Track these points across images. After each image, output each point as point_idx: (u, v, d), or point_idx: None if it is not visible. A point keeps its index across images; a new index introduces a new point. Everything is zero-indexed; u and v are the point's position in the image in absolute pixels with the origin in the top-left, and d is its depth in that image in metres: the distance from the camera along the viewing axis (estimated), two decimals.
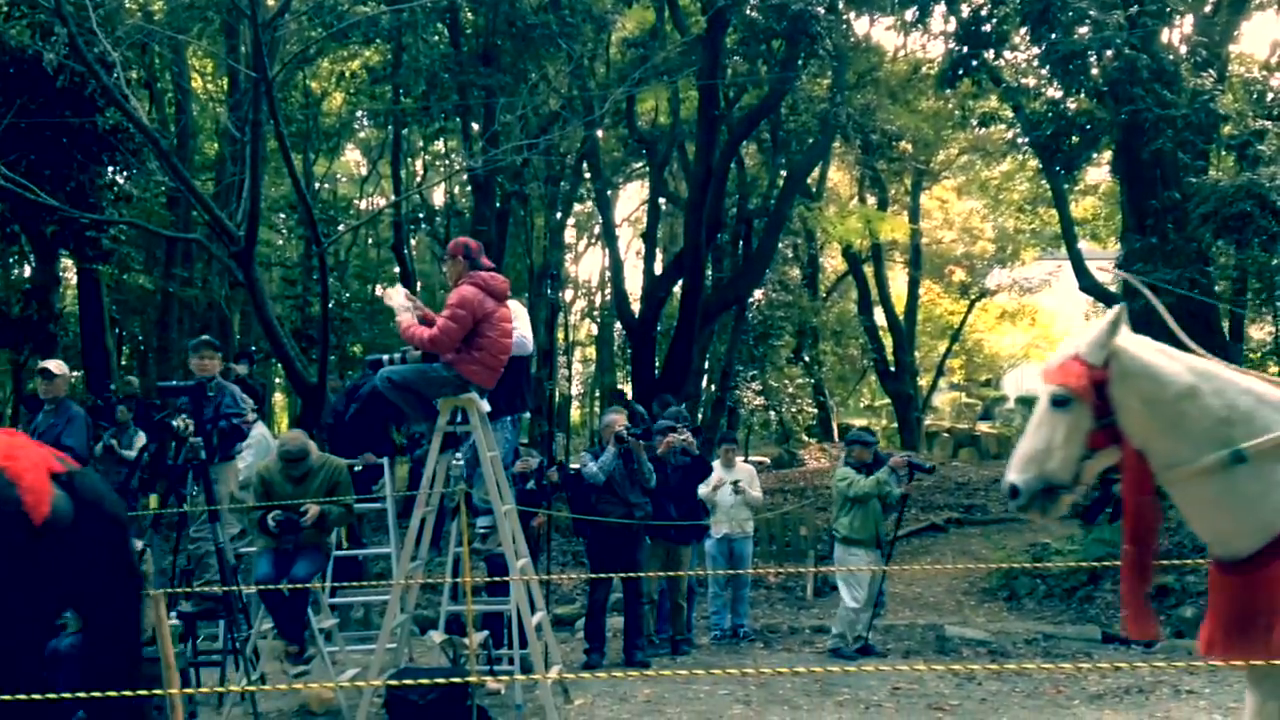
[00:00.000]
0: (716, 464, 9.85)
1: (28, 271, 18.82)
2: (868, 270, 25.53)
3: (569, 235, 27.82)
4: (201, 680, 7.29)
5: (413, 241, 23.92)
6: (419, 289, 21.33)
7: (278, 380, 22.13)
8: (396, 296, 6.75)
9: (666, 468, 9.09)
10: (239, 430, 8.26)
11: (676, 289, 19.79)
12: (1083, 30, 12.27)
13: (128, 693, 4.35)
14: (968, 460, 24.21)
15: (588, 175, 22.51)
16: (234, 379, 9.80)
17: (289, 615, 7.09)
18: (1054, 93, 14.08)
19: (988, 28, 13.69)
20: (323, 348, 12.31)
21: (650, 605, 9.49)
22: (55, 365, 8.93)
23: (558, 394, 21.21)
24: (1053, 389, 3.47)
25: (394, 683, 6.45)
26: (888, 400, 27.94)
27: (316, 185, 21.92)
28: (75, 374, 16.75)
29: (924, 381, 27.86)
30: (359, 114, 22.33)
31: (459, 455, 7.22)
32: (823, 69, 17.74)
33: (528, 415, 8.61)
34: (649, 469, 8.63)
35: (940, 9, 14.37)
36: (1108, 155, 15.64)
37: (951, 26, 14.53)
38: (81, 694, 6.32)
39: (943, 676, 7.86)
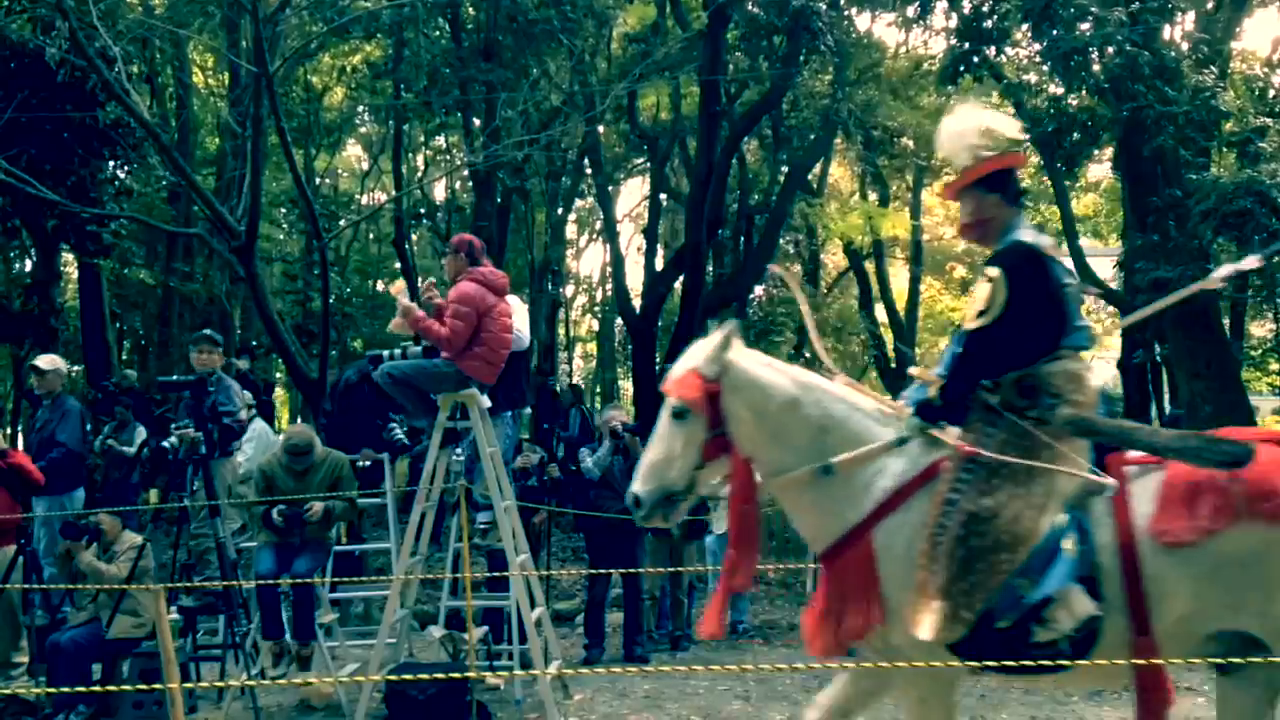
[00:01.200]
0: None
1: (28, 266, 18.83)
2: (869, 266, 25.51)
3: (570, 231, 27.82)
4: (201, 675, 7.31)
5: (414, 237, 23.91)
6: (420, 284, 21.30)
7: (278, 375, 22.12)
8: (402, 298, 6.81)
9: None
10: (231, 430, 8.26)
11: (677, 285, 19.77)
12: (1084, 27, 12.25)
13: (129, 687, 4.36)
14: None
15: (589, 171, 22.48)
16: (235, 374, 9.81)
17: (297, 612, 7.12)
18: (1055, 89, 14.05)
19: (989, 24, 13.66)
20: (324, 343, 12.33)
21: (651, 601, 9.50)
22: (46, 361, 8.95)
23: (558, 388, 21.21)
24: (672, 402, 3.65)
25: (394, 678, 6.46)
26: (889, 396, 27.94)
27: (317, 180, 21.93)
28: (76, 368, 16.76)
29: None
30: (360, 109, 22.32)
31: (459, 451, 7.23)
32: (824, 65, 17.71)
33: (528, 410, 8.63)
34: None
35: (942, 5, 14.36)
36: (1109, 152, 15.63)
37: (953, 23, 14.50)
38: (82, 689, 6.35)
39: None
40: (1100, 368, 28.89)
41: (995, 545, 3.29)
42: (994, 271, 3.59)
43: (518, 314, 7.18)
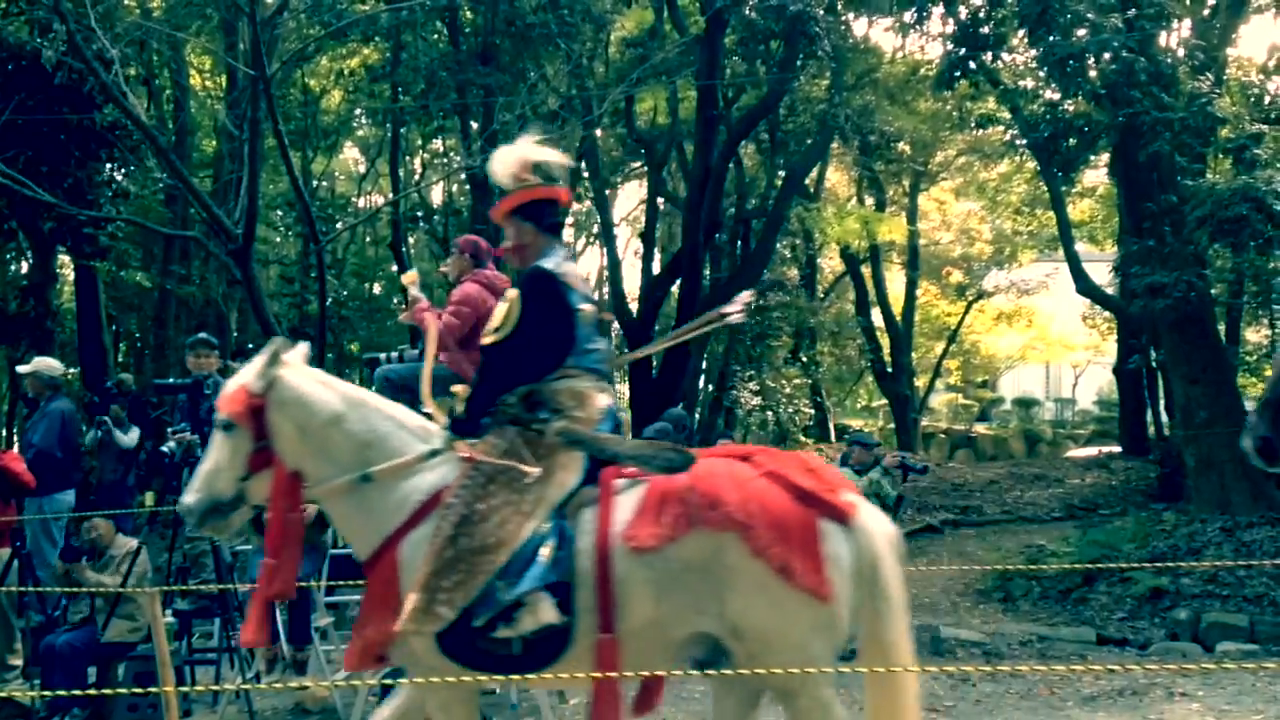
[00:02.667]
0: None
1: (25, 268, 18.82)
2: (865, 271, 25.53)
3: (567, 234, 27.82)
4: (197, 679, 7.30)
5: (411, 240, 23.93)
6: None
7: None
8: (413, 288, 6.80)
9: None
10: None
11: (674, 289, 19.79)
12: (1081, 32, 12.28)
13: (124, 691, 4.35)
14: (964, 461, 24.22)
15: (586, 175, 22.48)
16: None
17: (292, 615, 7.11)
18: (1052, 95, 14.08)
19: (986, 29, 13.69)
20: (320, 346, 12.34)
21: None
22: (34, 365, 8.96)
23: None
24: (221, 415, 3.79)
25: (389, 681, 6.45)
26: (885, 401, 27.95)
27: (315, 183, 21.92)
28: (72, 370, 16.74)
29: (921, 382, 27.86)
30: (357, 112, 22.31)
31: None
32: (821, 70, 17.74)
33: None
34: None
35: (938, 10, 14.37)
36: (1105, 158, 15.66)
37: (950, 28, 14.52)
38: (78, 692, 6.33)
39: (937, 678, 7.87)
40: (1094, 372, 28.97)
41: (481, 547, 3.48)
42: (513, 293, 3.91)
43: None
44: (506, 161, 4.01)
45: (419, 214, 22.38)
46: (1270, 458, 3.57)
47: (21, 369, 8.86)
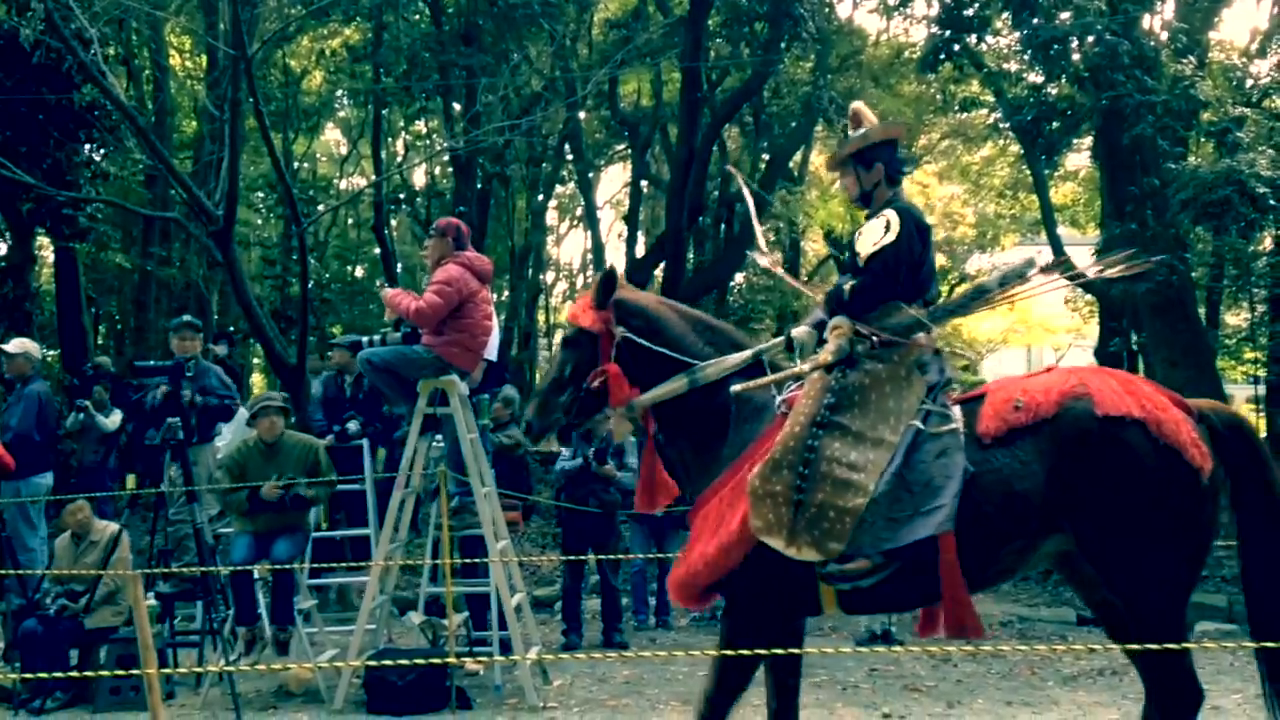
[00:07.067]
0: None
1: (3, 249, 18.64)
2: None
3: (551, 217, 27.75)
4: (179, 661, 7.29)
5: (393, 222, 23.79)
6: (399, 270, 21.24)
7: (256, 361, 22.00)
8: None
9: None
10: (227, 409, 8.28)
11: (658, 272, 19.77)
12: (1064, 16, 12.28)
13: (106, 674, 4.33)
14: None
15: (570, 157, 22.43)
16: (213, 360, 9.76)
17: (276, 597, 7.11)
18: (1035, 78, 14.08)
19: (969, 12, 13.66)
20: (302, 328, 12.27)
21: (630, 587, 9.56)
22: (14, 345, 8.90)
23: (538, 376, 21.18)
24: None
25: (373, 663, 6.46)
26: None
27: (296, 165, 21.75)
28: (51, 353, 16.62)
29: None
30: (339, 93, 22.16)
31: (439, 438, 7.20)
32: (805, 52, 17.70)
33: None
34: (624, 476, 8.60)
35: None
36: (1088, 141, 15.67)
37: (934, 11, 14.49)
38: (59, 674, 6.31)
39: (919, 658, 7.93)
40: (1076, 356, 29.09)
41: None
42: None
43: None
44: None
45: (401, 196, 22.26)
46: (534, 438, 4.45)
47: (11, 348, 8.77)
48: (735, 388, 4.04)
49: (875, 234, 4.15)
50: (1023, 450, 3.77)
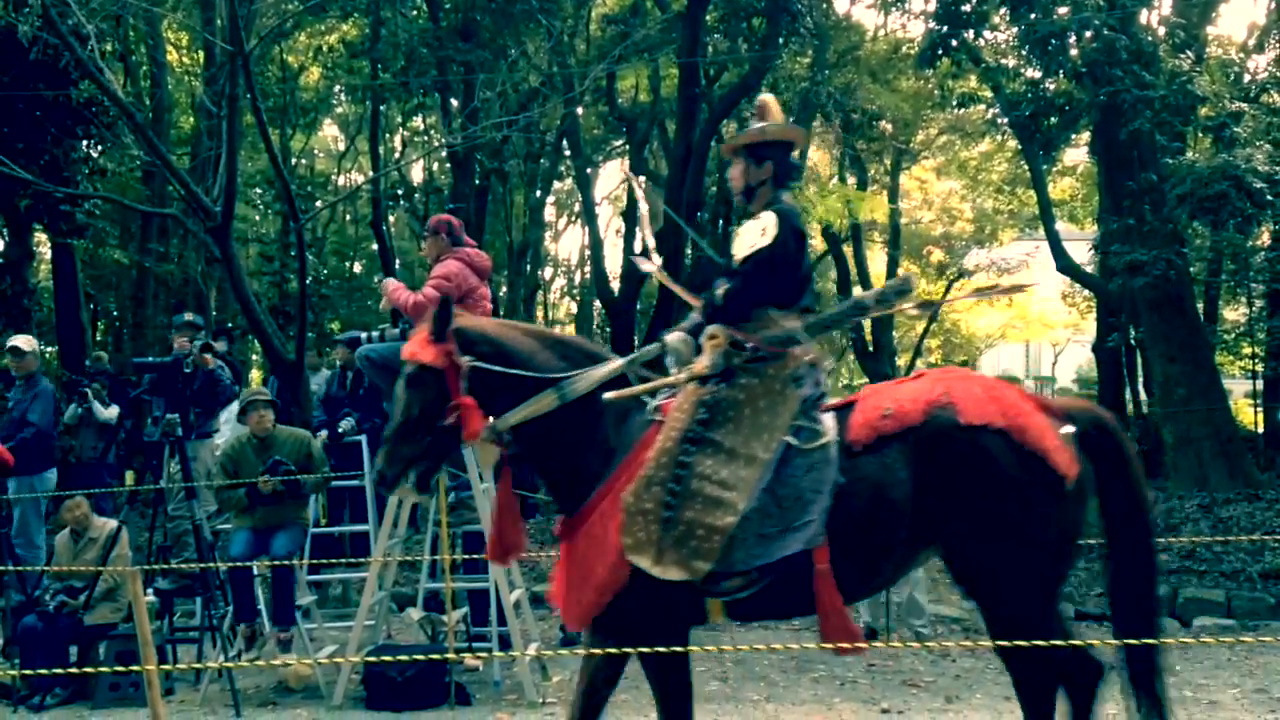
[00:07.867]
0: None
1: (1, 246, 18.62)
2: (847, 250, 25.52)
3: (549, 213, 27.74)
4: (179, 657, 7.29)
5: (391, 218, 23.78)
6: (398, 266, 21.23)
7: (254, 357, 21.99)
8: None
9: None
10: (232, 396, 8.34)
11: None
12: (1062, 11, 12.29)
13: (105, 670, 4.34)
14: None
15: (568, 153, 22.39)
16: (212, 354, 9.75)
17: (275, 594, 7.11)
18: (1033, 73, 14.08)
19: (967, 7, 13.66)
20: (300, 325, 12.25)
21: None
22: (24, 341, 8.89)
23: None
24: None
25: (372, 659, 6.46)
26: (866, 379, 28.02)
27: (294, 161, 21.76)
28: (50, 349, 16.61)
29: (902, 361, 27.93)
30: (337, 89, 22.13)
31: None
32: (803, 48, 17.69)
33: None
34: None
35: None
36: (1086, 136, 15.68)
37: (931, 6, 14.48)
38: (59, 670, 6.32)
39: (917, 653, 7.94)
40: (1074, 351, 29.11)
41: None
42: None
43: None
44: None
45: (399, 192, 22.23)
46: (388, 488, 4.07)
47: (22, 345, 8.76)
48: (607, 396, 3.94)
49: (752, 236, 4.13)
50: (890, 458, 3.79)
